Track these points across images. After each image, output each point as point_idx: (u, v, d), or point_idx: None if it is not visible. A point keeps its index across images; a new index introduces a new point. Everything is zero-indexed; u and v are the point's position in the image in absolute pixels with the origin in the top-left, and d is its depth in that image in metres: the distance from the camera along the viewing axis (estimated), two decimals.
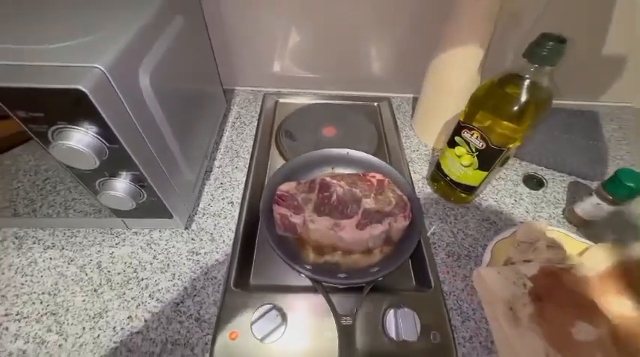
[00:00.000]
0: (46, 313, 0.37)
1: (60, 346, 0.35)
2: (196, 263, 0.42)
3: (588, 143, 0.60)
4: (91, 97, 0.26)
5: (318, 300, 0.37)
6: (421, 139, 0.62)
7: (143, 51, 0.34)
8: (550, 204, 0.52)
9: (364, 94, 0.70)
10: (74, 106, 0.27)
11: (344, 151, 0.49)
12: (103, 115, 0.27)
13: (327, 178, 0.44)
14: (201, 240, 0.45)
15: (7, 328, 0.36)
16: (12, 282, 0.39)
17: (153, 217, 0.42)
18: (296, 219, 0.41)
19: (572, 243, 0.43)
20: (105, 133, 0.29)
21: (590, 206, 0.45)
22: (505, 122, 0.37)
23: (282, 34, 0.61)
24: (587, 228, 0.47)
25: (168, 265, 0.42)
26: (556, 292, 0.38)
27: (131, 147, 0.31)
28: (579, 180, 0.55)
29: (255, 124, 0.62)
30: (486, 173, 0.42)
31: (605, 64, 0.65)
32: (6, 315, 0.37)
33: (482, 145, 0.40)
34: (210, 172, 0.54)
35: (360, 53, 0.64)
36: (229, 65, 0.66)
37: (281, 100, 0.66)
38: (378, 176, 0.45)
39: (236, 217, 0.47)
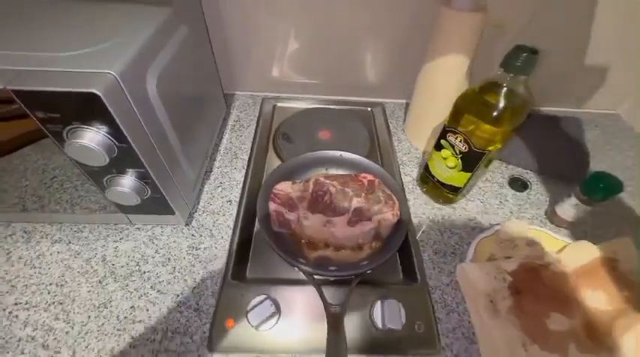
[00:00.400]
0: (53, 303, 0.39)
1: (67, 333, 0.37)
2: (196, 257, 0.44)
3: (572, 148, 0.62)
4: (104, 99, 0.28)
5: (309, 291, 0.39)
6: (412, 143, 0.64)
7: (150, 58, 0.37)
8: (533, 205, 0.54)
9: (359, 99, 0.73)
10: (88, 108, 0.29)
11: (337, 153, 0.52)
12: (114, 117, 0.30)
13: (321, 178, 0.46)
14: (201, 236, 0.47)
15: (16, 316, 0.38)
16: (21, 273, 0.41)
17: (155, 213, 0.44)
18: (290, 216, 0.43)
19: (552, 241, 0.46)
20: (115, 132, 0.32)
21: (569, 207, 0.48)
22: (485, 126, 0.40)
23: (280, 42, 0.64)
24: (567, 227, 0.50)
25: (169, 259, 0.44)
26: (534, 286, 0.40)
27: (138, 146, 0.34)
28: (562, 183, 0.57)
29: (254, 127, 0.65)
30: (470, 174, 0.45)
31: (590, 73, 0.68)
32: (16, 304, 0.39)
33: (465, 148, 0.43)
34: (210, 172, 0.56)
35: (355, 60, 0.67)
36: (229, 71, 0.69)
37: (279, 105, 0.69)
38: (369, 177, 0.47)
39: (234, 214, 0.50)
